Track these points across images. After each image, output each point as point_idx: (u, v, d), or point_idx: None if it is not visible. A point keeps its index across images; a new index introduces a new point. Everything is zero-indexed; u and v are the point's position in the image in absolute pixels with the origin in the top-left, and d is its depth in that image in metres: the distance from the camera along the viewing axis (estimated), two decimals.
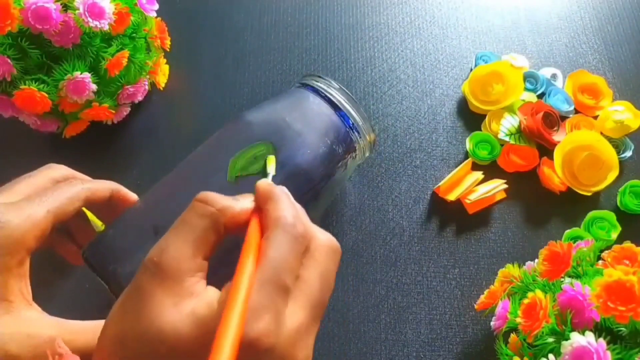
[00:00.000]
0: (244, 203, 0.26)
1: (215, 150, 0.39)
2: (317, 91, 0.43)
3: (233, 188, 0.36)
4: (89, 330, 0.30)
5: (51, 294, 0.47)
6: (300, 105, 0.42)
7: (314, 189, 0.40)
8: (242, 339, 0.21)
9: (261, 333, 0.22)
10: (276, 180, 0.37)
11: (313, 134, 0.40)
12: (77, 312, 0.48)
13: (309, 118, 0.41)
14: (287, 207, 0.26)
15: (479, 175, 0.51)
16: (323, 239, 0.26)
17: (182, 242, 0.24)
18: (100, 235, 0.36)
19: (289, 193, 0.27)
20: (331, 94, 0.43)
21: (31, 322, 0.29)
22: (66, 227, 0.37)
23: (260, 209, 0.27)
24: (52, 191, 0.32)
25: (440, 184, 0.51)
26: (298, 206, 0.27)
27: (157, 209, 0.36)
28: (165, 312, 0.22)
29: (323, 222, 0.50)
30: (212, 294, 0.24)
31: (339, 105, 0.43)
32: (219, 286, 0.24)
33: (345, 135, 0.42)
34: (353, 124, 0.43)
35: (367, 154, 0.47)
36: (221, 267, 0.25)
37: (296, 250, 0.24)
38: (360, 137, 0.44)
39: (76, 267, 0.43)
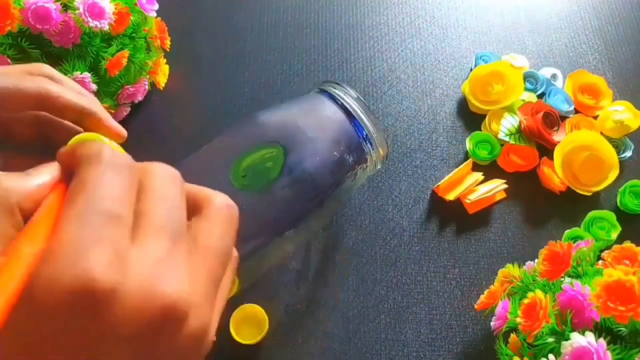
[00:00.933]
0: (40, 177, 0.20)
1: (225, 148, 0.39)
2: (334, 98, 0.42)
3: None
4: None
5: None
6: (315, 111, 0.42)
7: (320, 196, 0.39)
8: (62, 289, 0.16)
9: (96, 272, 0.16)
10: (282, 184, 0.37)
11: (324, 141, 0.40)
12: None
13: (322, 124, 0.41)
14: (101, 146, 0.19)
15: (478, 176, 0.51)
16: (219, 201, 0.22)
17: None
18: None
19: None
20: (347, 103, 0.42)
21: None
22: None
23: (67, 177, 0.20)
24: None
25: (440, 183, 0.51)
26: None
27: None
28: None
29: None
30: None
31: (354, 114, 0.42)
32: None
33: (358, 145, 0.42)
34: (367, 134, 0.42)
35: (378, 167, 0.46)
36: None
37: (125, 177, 0.19)
38: (372, 149, 0.43)
39: None
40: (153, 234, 0.18)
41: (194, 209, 0.21)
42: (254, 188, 0.37)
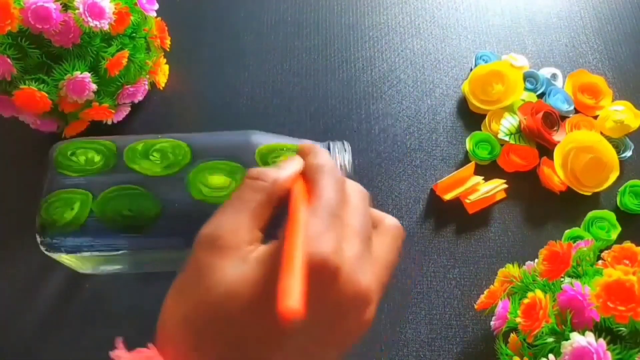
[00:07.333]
0: (289, 169, 0.28)
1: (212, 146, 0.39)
2: (329, 149, 0.41)
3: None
4: None
5: (51, 297, 0.47)
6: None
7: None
8: (310, 263, 0.22)
9: (328, 253, 0.22)
10: None
11: None
12: (79, 317, 0.48)
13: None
14: (327, 158, 0.28)
15: (479, 179, 0.51)
16: (391, 221, 0.29)
17: (239, 215, 0.25)
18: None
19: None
20: (337, 157, 0.40)
21: None
22: None
23: (302, 172, 0.29)
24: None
25: (439, 181, 0.51)
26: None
27: None
28: (227, 273, 0.23)
29: None
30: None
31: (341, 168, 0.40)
32: None
33: None
34: None
35: None
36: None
37: (340, 190, 0.26)
38: None
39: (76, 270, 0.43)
40: (354, 236, 0.25)
41: (372, 225, 0.28)
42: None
